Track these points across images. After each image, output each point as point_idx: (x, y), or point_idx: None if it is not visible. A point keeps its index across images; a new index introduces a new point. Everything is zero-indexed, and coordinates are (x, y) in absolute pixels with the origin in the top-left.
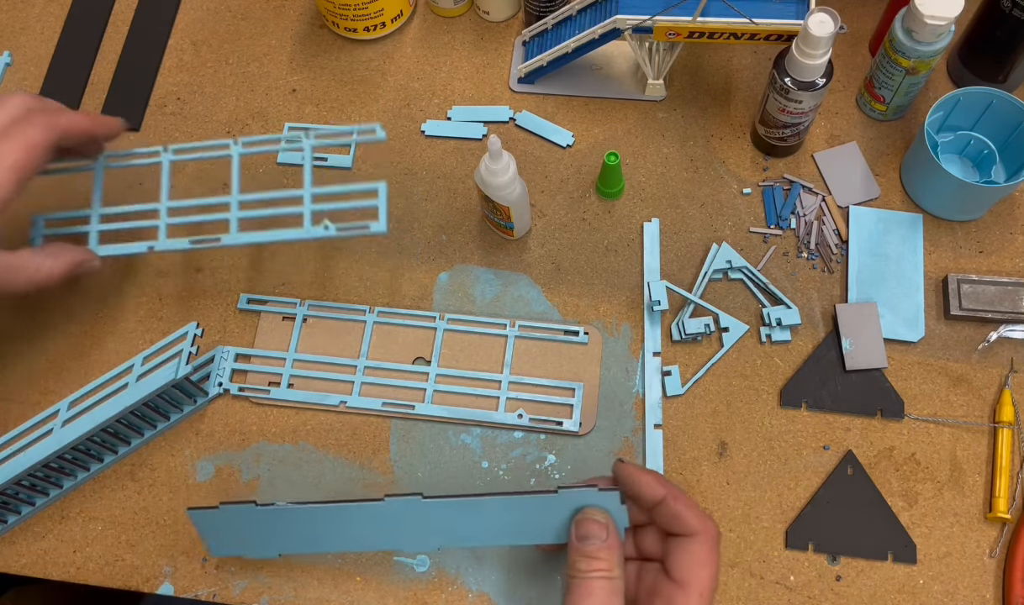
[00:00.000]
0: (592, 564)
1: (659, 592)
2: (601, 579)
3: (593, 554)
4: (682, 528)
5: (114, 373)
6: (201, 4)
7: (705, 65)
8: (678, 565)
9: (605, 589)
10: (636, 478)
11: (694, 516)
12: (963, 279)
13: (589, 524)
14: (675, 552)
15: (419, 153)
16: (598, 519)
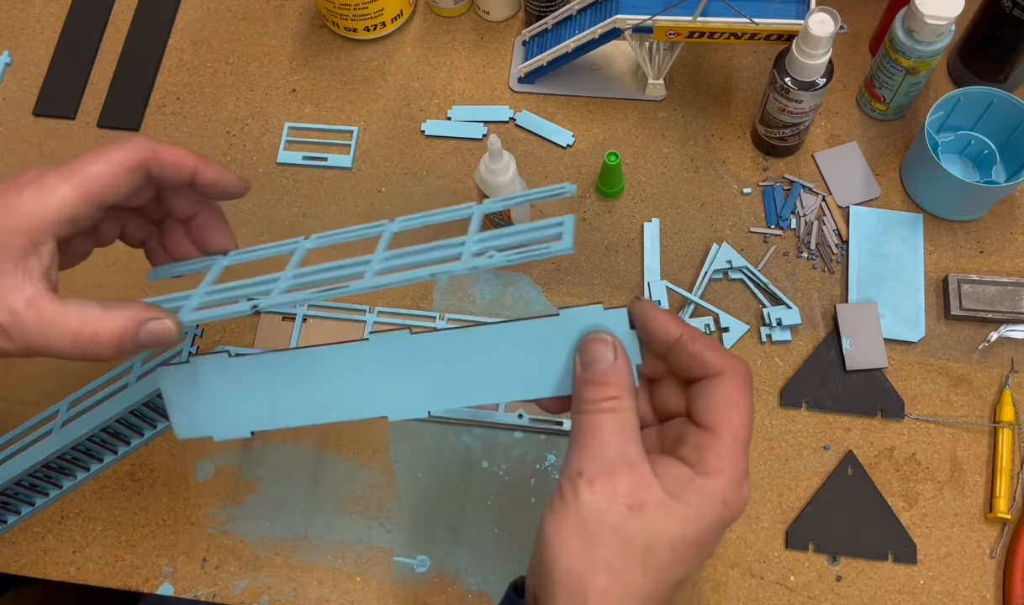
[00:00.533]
0: (599, 392)
1: (685, 439)
2: (610, 412)
3: (599, 379)
4: (704, 369)
5: (114, 373)
6: (201, 4)
7: (705, 65)
8: (704, 408)
9: (615, 423)
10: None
11: (718, 355)
12: (963, 279)
13: (594, 345)
14: (700, 395)
15: (419, 153)
16: (604, 339)
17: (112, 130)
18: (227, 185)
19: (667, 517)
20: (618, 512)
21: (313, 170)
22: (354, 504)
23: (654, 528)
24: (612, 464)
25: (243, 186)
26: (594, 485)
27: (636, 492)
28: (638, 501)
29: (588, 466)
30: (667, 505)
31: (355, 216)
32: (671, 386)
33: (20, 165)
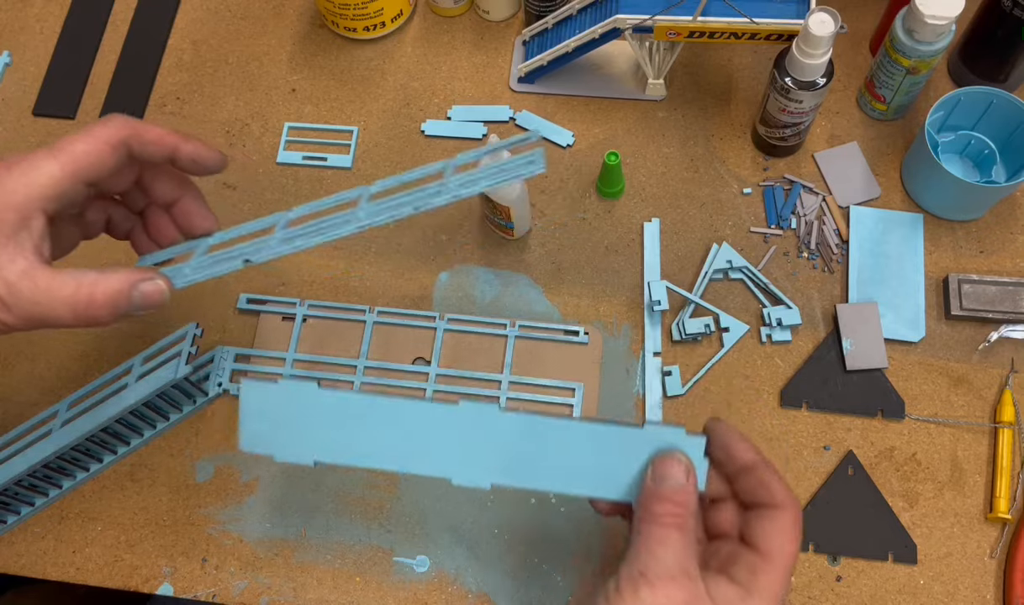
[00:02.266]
0: (668, 508)
1: (739, 561)
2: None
3: (670, 496)
4: (770, 498)
5: (114, 373)
6: (201, 4)
7: (705, 65)
8: (764, 535)
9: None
10: (731, 436)
11: (783, 487)
12: (964, 279)
13: (669, 463)
14: (760, 522)
15: (419, 153)
16: (680, 459)
17: None
18: (207, 159)
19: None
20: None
21: (313, 170)
22: (354, 504)
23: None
24: (673, 572)
25: (222, 160)
26: (655, 588)
27: (691, 602)
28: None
29: (651, 569)
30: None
31: None
32: (727, 509)
33: None
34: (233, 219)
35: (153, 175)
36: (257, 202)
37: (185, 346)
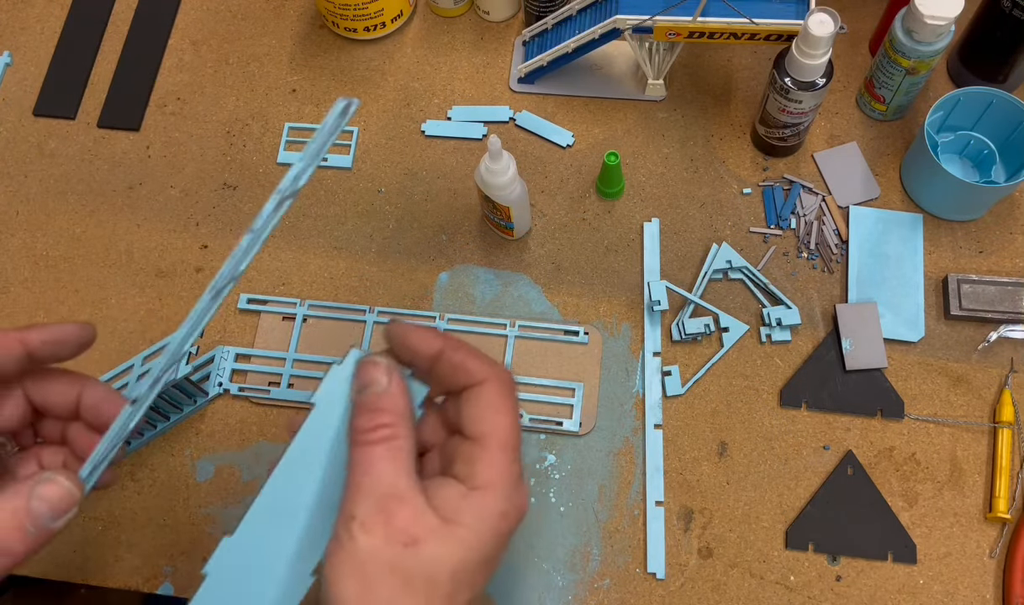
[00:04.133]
0: (372, 419)
1: (456, 455)
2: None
3: (371, 404)
4: (469, 377)
5: (114, 373)
6: (201, 4)
7: (705, 65)
8: (470, 418)
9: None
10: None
11: (480, 363)
12: (963, 279)
13: (367, 368)
14: (466, 405)
15: (419, 153)
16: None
17: (112, 130)
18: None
19: (444, 546)
20: (394, 551)
21: None
22: None
23: (433, 559)
24: (384, 501)
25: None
26: (367, 527)
27: (409, 527)
28: (412, 537)
29: (360, 508)
30: (442, 533)
31: (355, 216)
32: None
33: (20, 165)
34: (233, 219)
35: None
36: (258, 202)
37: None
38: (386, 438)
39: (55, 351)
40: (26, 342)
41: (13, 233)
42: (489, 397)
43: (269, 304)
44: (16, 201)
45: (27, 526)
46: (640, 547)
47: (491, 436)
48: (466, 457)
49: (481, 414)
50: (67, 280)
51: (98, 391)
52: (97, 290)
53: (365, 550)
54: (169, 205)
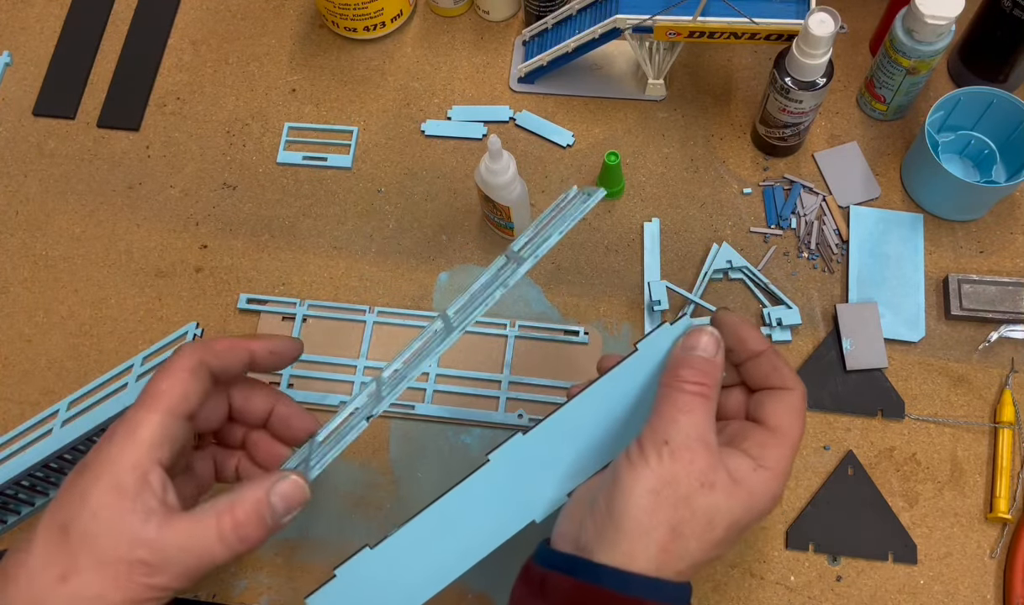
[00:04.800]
0: (696, 376)
1: (749, 437)
2: (701, 397)
3: (699, 365)
4: (781, 381)
5: (114, 373)
6: (201, 4)
7: (705, 65)
8: (774, 413)
9: (704, 407)
10: (742, 325)
11: (791, 372)
12: (963, 279)
13: (699, 334)
14: (771, 401)
15: (419, 153)
16: (711, 332)
17: (112, 130)
18: (282, 347)
19: (730, 500)
20: (691, 485)
21: (313, 170)
22: (354, 504)
23: (717, 507)
24: (694, 442)
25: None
26: (676, 455)
27: (708, 472)
28: (709, 480)
29: (675, 437)
30: (731, 489)
31: (355, 215)
32: (735, 393)
33: (20, 165)
34: (233, 219)
35: (243, 395)
36: (257, 202)
37: (190, 329)
38: (704, 394)
39: (273, 361)
40: (252, 350)
41: (13, 233)
42: (795, 402)
43: (269, 304)
44: (16, 201)
45: (266, 518)
46: None
47: (789, 433)
48: (760, 441)
49: (785, 412)
50: (67, 280)
51: (291, 406)
52: (97, 290)
53: (668, 473)
54: (169, 205)
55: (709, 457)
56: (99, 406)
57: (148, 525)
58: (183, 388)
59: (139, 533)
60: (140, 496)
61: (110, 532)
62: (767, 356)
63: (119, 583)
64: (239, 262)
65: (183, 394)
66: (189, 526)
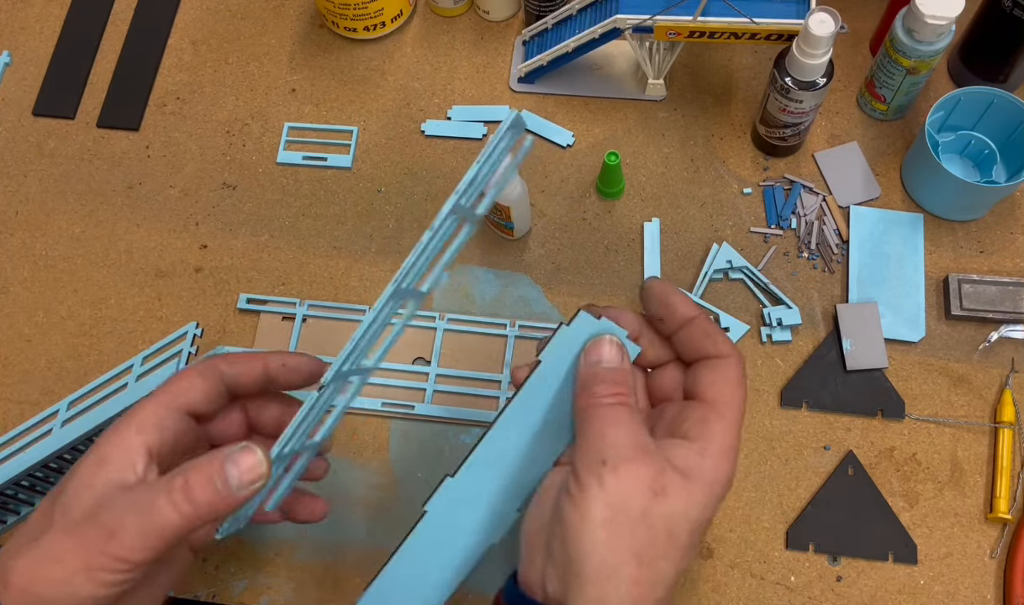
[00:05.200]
0: (609, 388)
1: (688, 417)
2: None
3: (609, 377)
4: (715, 349)
5: (114, 373)
6: (200, 3)
7: (705, 65)
8: (711, 385)
9: (629, 416)
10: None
11: (725, 338)
12: (964, 279)
13: (600, 346)
14: (706, 373)
15: (419, 153)
16: (611, 340)
17: (112, 130)
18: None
19: (686, 499)
20: (643, 498)
21: (313, 170)
22: (354, 504)
23: (675, 512)
24: (631, 451)
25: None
26: (618, 472)
27: (657, 477)
28: (659, 485)
29: (610, 454)
30: (685, 487)
31: (354, 215)
32: (668, 371)
33: (20, 165)
34: (233, 219)
35: (257, 407)
36: (257, 202)
37: (185, 346)
38: (623, 402)
39: (289, 378)
40: (267, 365)
41: (12, 233)
42: (732, 371)
43: (269, 304)
44: (15, 201)
45: (216, 482)
46: None
47: (729, 405)
48: (701, 419)
49: (723, 383)
50: (66, 280)
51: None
52: (96, 290)
53: (616, 495)
54: (168, 205)
55: (652, 461)
56: (99, 406)
57: (116, 493)
58: (186, 383)
59: (107, 498)
60: (120, 470)
61: (83, 497)
62: (698, 323)
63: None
64: (239, 262)
65: (183, 388)
66: (145, 487)
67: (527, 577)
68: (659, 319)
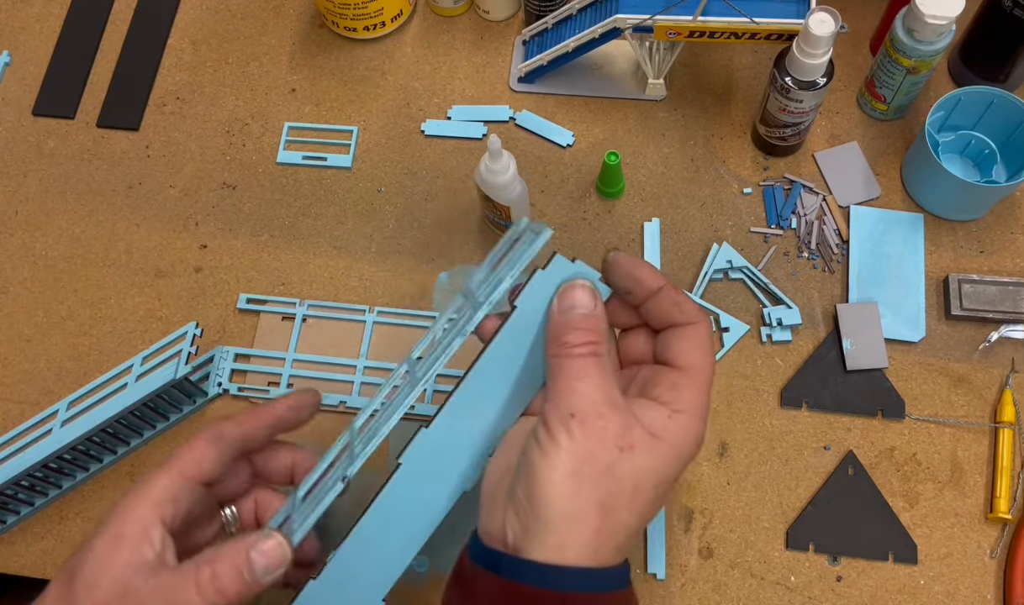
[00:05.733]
0: (581, 336)
1: (660, 381)
2: (593, 356)
3: (580, 324)
4: (683, 316)
5: (113, 373)
6: (200, 3)
7: (705, 64)
8: (682, 351)
9: (599, 367)
10: (637, 264)
11: (693, 305)
12: (964, 279)
13: (573, 292)
14: (676, 339)
15: (419, 153)
16: (583, 285)
17: (112, 130)
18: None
19: (652, 457)
20: (609, 453)
21: (313, 170)
22: (354, 505)
23: (642, 468)
24: (601, 406)
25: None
26: (586, 426)
27: (624, 433)
28: (627, 441)
29: (579, 407)
30: (652, 445)
31: (355, 215)
32: (638, 335)
33: (20, 165)
34: (233, 219)
35: (263, 458)
36: (257, 202)
37: (185, 346)
38: (596, 353)
39: (297, 416)
40: (275, 413)
41: (12, 233)
42: (701, 336)
43: (268, 304)
44: (15, 201)
45: (243, 572)
46: (640, 547)
47: (700, 370)
48: (671, 384)
49: (693, 348)
50: (66, 280)
51: (312, 460)
52: (96, 290)
53: (584, 447)
54: (168, 205)
55: (621, 417)
56: (99, 406)
57: (138, 575)
58: (198, 454)
59: (129, 581)
60: (138, 548)
61: (104, 578)
62: (666, 293)
63: None
64: (239, 262)
65: (196, 459)
66: (171, 576)
67: (488, 526)
68: (627, 292)
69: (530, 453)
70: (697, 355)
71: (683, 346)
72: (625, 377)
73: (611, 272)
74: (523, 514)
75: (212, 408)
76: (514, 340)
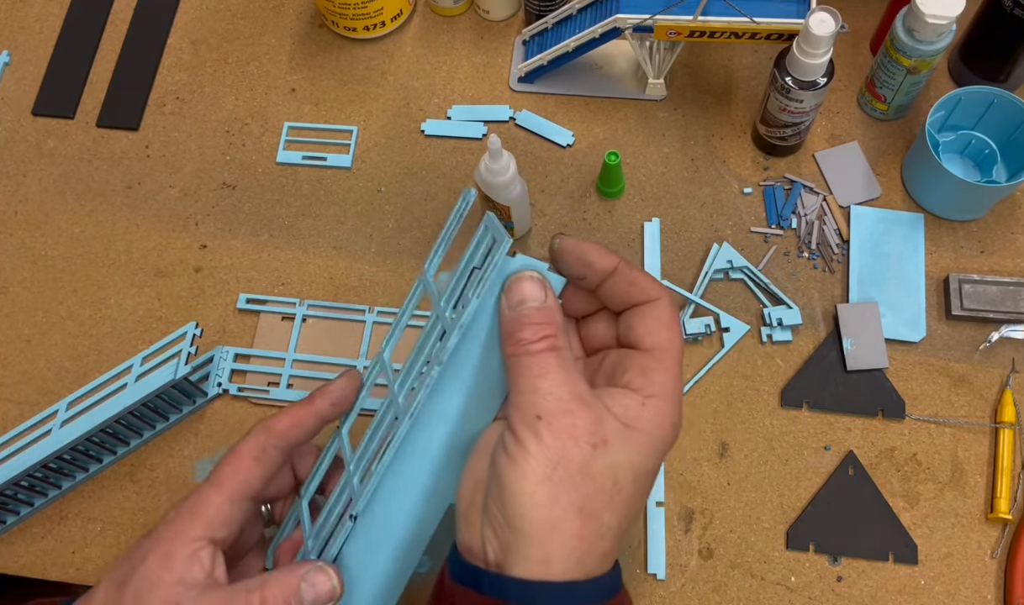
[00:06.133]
0: (536, 331)
1: (628, 366)
2: (551, 351)
3: (534, 319)
4: (643, 294)
5: (113, 373)
6: (200, 3)
7: (706, 64)
8: (647, 331)
9: (559, 361)
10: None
11: (651, 281)
12: (964, 279)
13: (523, 284)
14: (640, 320)
15: (419, 153)
16: (531, 276)
17: (111, 130)
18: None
19: (628, 449)
20: (582, 451)
21: (312, 170)
22: None
23: (618, 463)
24: (567, 403)
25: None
26: (554, 426)
27: (595, 428)
28: (600, 437)
29: (544, 407)
30: (626, 437)
31: (354, 215)
32: (598, 320)
33: (19, 164)
34: (233, 219)
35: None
36: (257, 202)
37: (185, 346)
38: (554, 347)
39: (340, 410)
40: (318, 409)
41: (12, 233)
42: (663, 313)
43: (268, 304)
44: (15, 201)
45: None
46: (640, 548)
47: (667, 350)
48: (641, 367)
49: (658, 327)
50: (66, 280)
51: None
52: (96, 290)
53: (554, 449)
54: (168, 205)
55: (590, 412)
56: (98, 407)
57: (187, 595)
58: (246, 475)
59: (179, 601)
60: (189, 569)
61: (153, 596)
62: (621, 272)
63: None
64: (239, 262)
65: (245, 479)
66: (221, 599)
67: (466, 541)
68: (580, 278)
69: (499, 463)
70: (663, 333)
71: (647, 326)
72: (591, 366)
73: (560, 259)
74: (500, 529)
75: (211, 409)
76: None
